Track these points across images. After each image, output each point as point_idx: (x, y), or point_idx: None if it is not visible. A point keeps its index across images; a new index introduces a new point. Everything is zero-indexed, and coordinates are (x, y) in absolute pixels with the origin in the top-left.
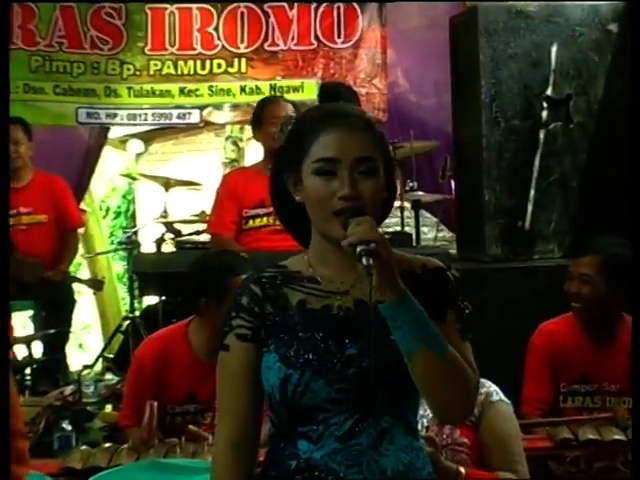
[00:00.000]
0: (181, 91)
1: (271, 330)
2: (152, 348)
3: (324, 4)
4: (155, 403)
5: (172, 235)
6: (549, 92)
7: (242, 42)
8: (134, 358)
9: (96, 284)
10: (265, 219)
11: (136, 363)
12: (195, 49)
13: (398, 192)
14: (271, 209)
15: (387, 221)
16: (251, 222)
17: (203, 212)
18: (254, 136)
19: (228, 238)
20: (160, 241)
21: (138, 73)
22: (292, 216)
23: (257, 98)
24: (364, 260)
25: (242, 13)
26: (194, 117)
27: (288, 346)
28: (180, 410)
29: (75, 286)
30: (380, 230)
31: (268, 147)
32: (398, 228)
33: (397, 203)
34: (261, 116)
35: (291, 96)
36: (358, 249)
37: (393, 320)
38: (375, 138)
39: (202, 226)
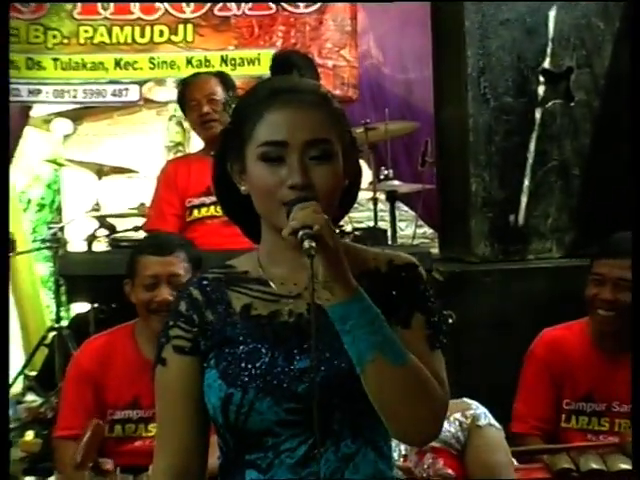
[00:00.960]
0: (117, 63)
1: (212, 341)
2: (93, 348)
3: None
4: (101, 422)
5: (105, 232)
6: (546, 64)
7: (188, 6)
8: (72, 360)
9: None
10: (212, 208)
11: (74, 366)
12: (133, 13)
13: (370, 181)
14: None
15: (358, 215)
16: (196, 212)
17: (142, 204)
18: (188, 123)
19: None
20: (91, 239)
21: (66, 41)
22: (239, 209)
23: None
24: (306, 243)
25: None
26: (132, 94)
27: (229, 360)
28: (121, 416)
29: None
30: (325, 216)
31: (198, 134)
32: (371, 223)
33: (369, 194)
34: (182, 101)
35: (246, 69)
36: (300, 234)
37: (342, 323)
38: (331, 116)
39: (141, 221)
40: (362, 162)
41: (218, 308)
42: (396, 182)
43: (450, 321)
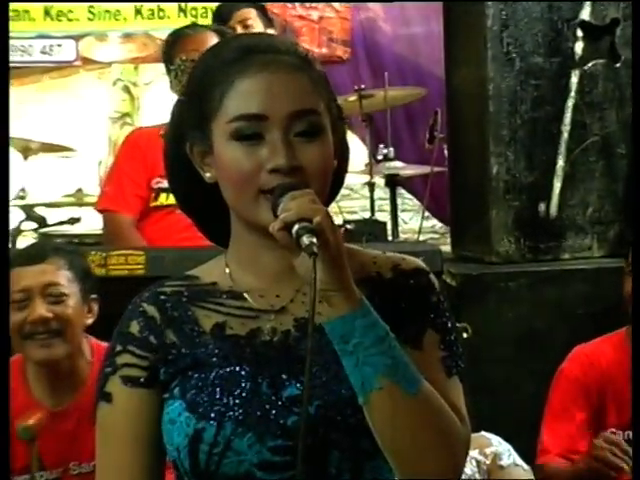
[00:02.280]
0: (46, 13)
1: (175, 367)
2: None
3: None
4: None
5: (34, 224)
6: (585, 16)
7: None
8: None
9: None
10: None
11: None
12: None
13: (366, 162)
14: None
15: (350, 204)
16: (163, 197)
17: (80, 190)
18: (170, 87)
19: (128, 219)
20: (16, 233)
21: None
22: (200, 203)
23: (160, 25)
24: (305, 239)
25: None
26: (66, 52)
27: (199, 387)
28: None
29: None
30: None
31: None
32: (366, 214)
33: (365, 178)
34: (170, 58)
35: (209, 22)
36: (295, 227)
37: (343, 342)
38: (316, 82)
39: (78, 211)
40: (354, 138)
41: (183, 327)
42: (398, 163)
43: (465, 335)
